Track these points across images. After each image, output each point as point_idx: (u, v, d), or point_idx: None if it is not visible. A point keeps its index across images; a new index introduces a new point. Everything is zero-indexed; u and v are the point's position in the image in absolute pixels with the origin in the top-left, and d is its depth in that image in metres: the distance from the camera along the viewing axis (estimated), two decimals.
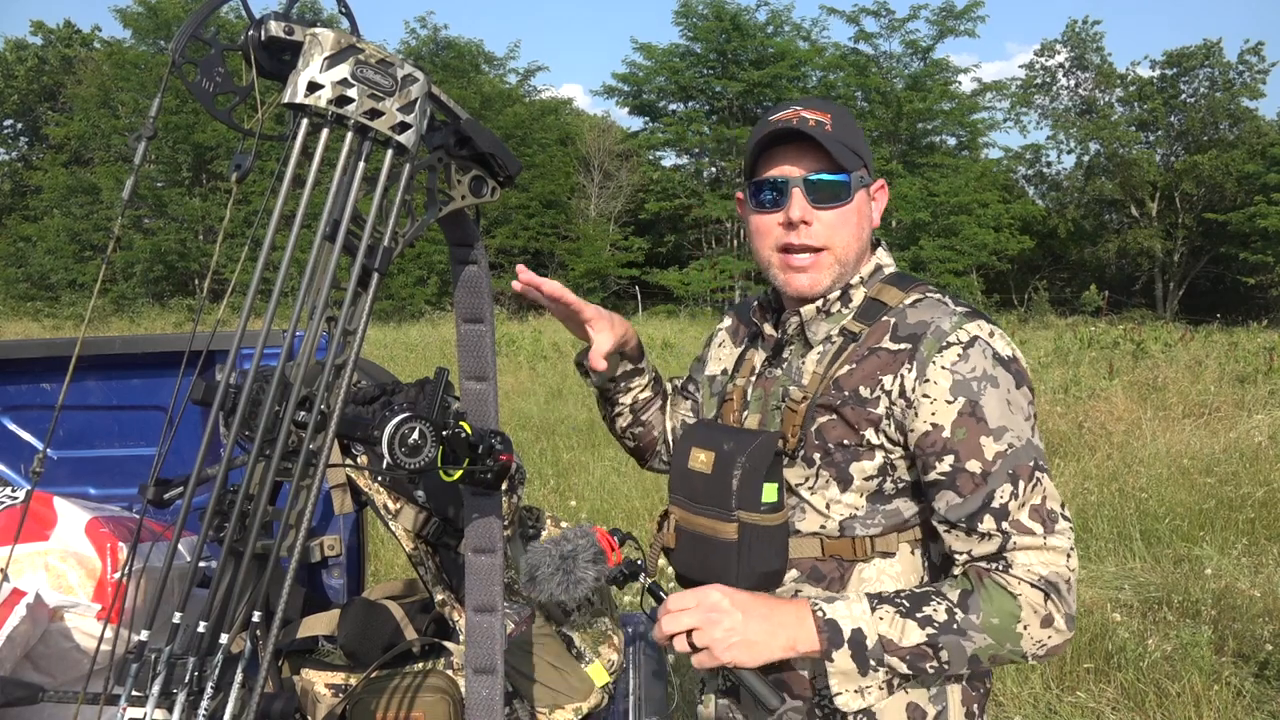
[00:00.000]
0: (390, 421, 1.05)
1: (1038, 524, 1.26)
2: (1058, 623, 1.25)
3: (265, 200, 0.98)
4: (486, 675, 1.35)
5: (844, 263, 1.39)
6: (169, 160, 29.31)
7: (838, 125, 1.35)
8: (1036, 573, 1.25)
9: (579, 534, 1.43)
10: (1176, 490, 6.14)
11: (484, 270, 1.27)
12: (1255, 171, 30.32)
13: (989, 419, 1.27)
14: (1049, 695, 3.65)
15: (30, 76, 35.69)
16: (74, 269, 28.54)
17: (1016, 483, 1.26)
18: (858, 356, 1.35)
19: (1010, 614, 1.24)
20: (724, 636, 1.24)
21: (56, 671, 1.94)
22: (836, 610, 1.26)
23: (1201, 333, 17.45)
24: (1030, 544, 1.26)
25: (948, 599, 1.25)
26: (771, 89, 32.25)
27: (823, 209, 1.36)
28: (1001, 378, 1.29)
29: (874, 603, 1.26)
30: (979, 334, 1.31)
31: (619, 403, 1.71)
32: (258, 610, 0.97)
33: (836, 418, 1.34)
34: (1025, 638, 1.24)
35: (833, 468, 1.35)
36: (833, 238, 1.37)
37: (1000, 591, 1.25)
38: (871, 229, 1.44)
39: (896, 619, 1.24)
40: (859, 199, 1.38)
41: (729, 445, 1.36)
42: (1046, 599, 1.24)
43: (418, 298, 27.47)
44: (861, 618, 1.25)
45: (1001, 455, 1.26)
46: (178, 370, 2.55)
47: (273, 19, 0.98)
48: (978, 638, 1.23)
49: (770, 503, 1.35)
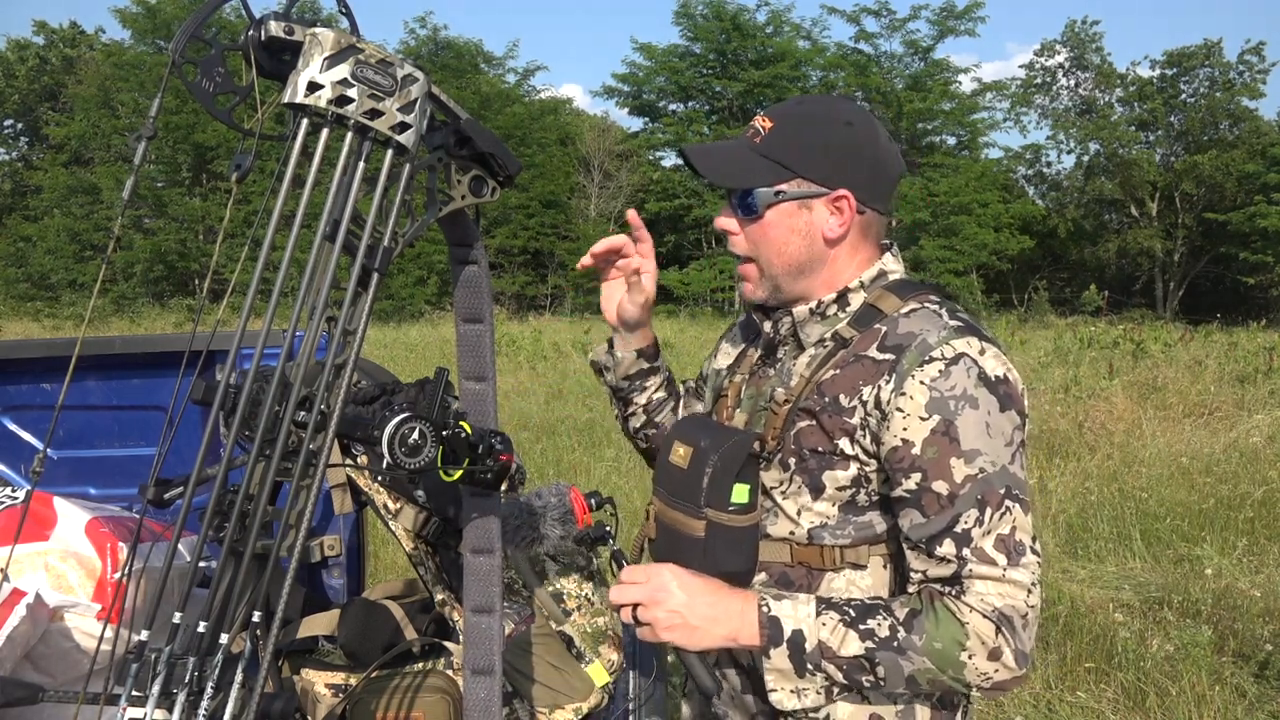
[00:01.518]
0: (390, 421, 1.05)
1: (1001, 554, 1.23)
2: (1005, 658, 1.21)
3: (265, 200, 0.98)
4: (484, 676, 1.34)
5: (772, 274, 1.38)
6: (169, 160, 29.30)
7: (775, 135, 1.35)
8: (990, 604, 1.22)
9: (554, 492, 1.44)
10: (1176, 490, 6.14)
11: (484, 270, 1.27)
12: (1255, 171, 30.29)
13: (962, 440, 1.24)
14: (1049, 695, 3.65)
15: (31, 76, 35.70)
16: (74, 269, 28.53)
17: (984, 509, 1.23)
18: (844, 362, 1.33)
19: (955, 641, 1.21)
20: (666, 617, 1.27)
21: (56, 671, 1.94)
22: (782, 609, 1.26)
23: (1201, 333, 17.44)
24: (988, 574, 1.23)
25: (894, 616, 1.23)
26: (772, 89, 32.25)
27: (745, 221, 1.38)
28: (983, 399, 1.25)
29: (821, 607, 1.25)
30: (967, 351, 1.27)
31: (634, 403, 1.70)
32: (258, 610, 0.97)
33: (814, 424, 1.32)
34: (969, 667, 1.21)
35: (805, 474, 1.33)
36: (754, 250, 1.38)
37: (949, 617, 1.22)
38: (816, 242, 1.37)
39: (839, 627, 1.23)
40: (782, 212, 1.35)
41: (705, 442, 1.35)
42: (998, 632, 1.21)
43: (418, 298, 27.47)
44: (805, 620, 1.24)
45: (971, 479, 1.23)
46: (178, 370, 2.55)
47: (273, 19, 0.98)
48: (917, 660, 1.22)
49: (739, 504, 1.33)
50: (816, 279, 1.39)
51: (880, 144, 1.37)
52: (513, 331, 18.01)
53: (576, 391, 10.70)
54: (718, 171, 1.37)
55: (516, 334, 17.17)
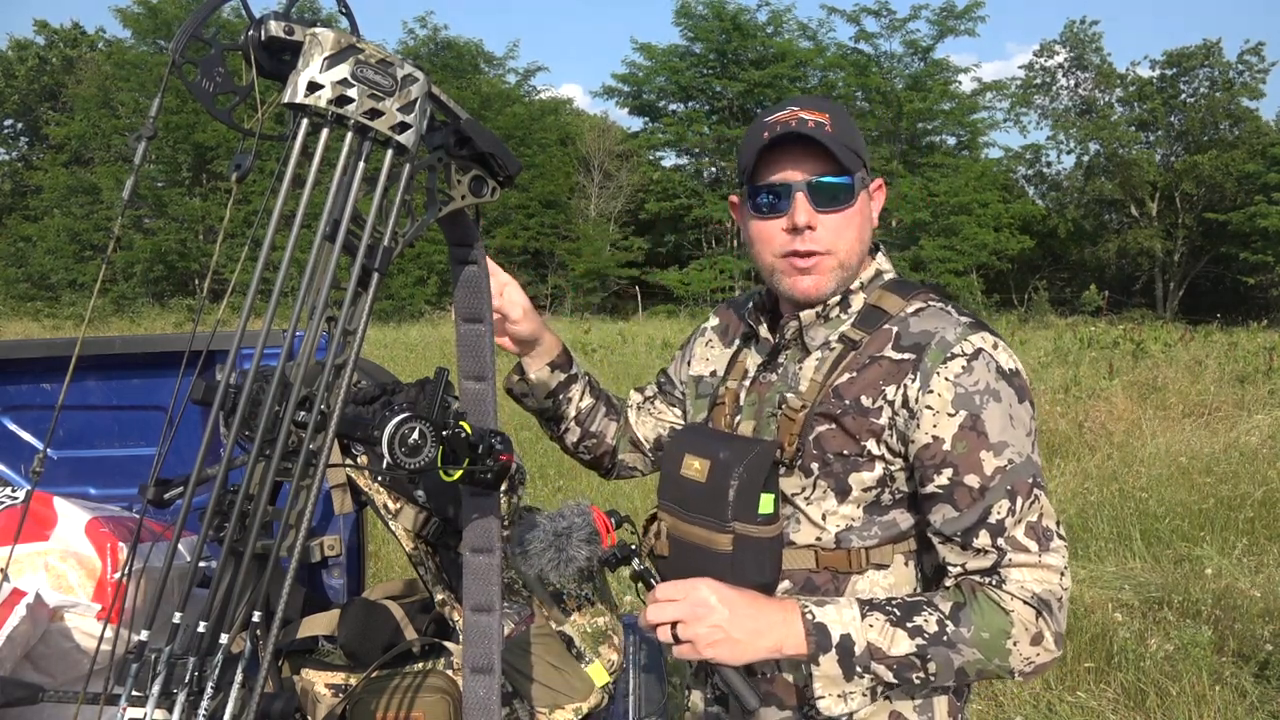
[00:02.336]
0: (390, 421, 1.05)
1: (1033, 541, 1.26)
2: (1047, 641, 1.24)
3: (265, 200, 0.98)
4: (484, 675, 1.34)
5: (847, 266, 1.37)
6: (169, 160, 29.29)
7: (837, 125, 1.32)
8: (1030, 590, 1.24)
9: (576, 512, 1.43)
10: (1176, 490, 6.14)
11: (484, 270, 1.27)
12: (1255, 171, 30.30)
13: (990, 433, 1.26)
14: (1049, 695, 3.65)
15: (31, 76, 35.69)
16: (74, 269, 28.52)
17: (1015, 499, 1.26)
18: (858, 365, 1.33)
19: (1001, 629, 1.23)
20: (708, 633, 1.23)
21: (56, 671, 1.94)
22: (827, 614, 1.24)
23: (1201, 333, 17.44)
24: (1025, 561, 1.25)
25: (939, 610, 1.24)
26: (772, 89, 32.25)
27: (826, 213, 1.33)
28: (1004, 392, 1.27)
29: (865, 609, 1.25)
30: (983, 346, 1.29)
31: (565, 418, 1.66)
32: (258, 610, 0.97)
33: (836, 427, 1.32)
34: (1014, 654, 1.24)
35: (831, 478, 1.33)
36: (836, 242, 1.34)
37: (993, 606, 1.24)
38: (872, 229, 1.42)
39: (887, 627, 1.23)
40: (861, 200, 1.36)
41: (725, 454, 1.33)
42: (1038, 616, 1.24)
43: (418, 298, 27.47)
44: (851, 623, 1.23)
45: (1001, 471, 1.26)
46: (178, 370, 2.55)
47: (273, 19, 0.98)
48: (966, 651, 1.23)
49: (766, 514, 1.32)
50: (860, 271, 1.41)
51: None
52: None
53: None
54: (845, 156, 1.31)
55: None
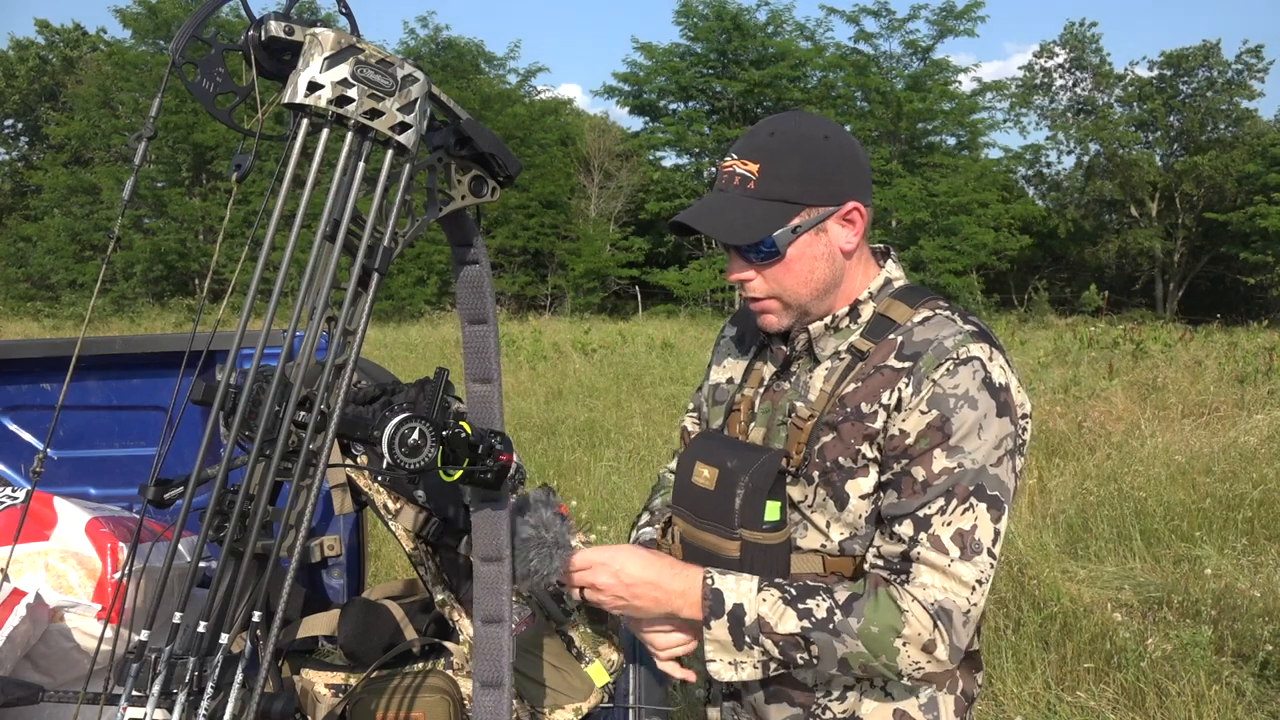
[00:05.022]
0: (390, 421, 1.05)
1: (956, 547, 1.26)
2: (939, 651, 1.25)
3: (265, 200, 0.98)
4: (493, 690, 1.35)
5: (799, 304, 1.38)
6: (169, 160, 29.31)
7: (766, 176, 1.32)
8: (933, 596, 1.25)
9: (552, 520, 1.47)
10: (1176, 490, 6.14)
11: (485, 270, 1.27)
12: (1255, 171, 30.29)
13: (952, 435, 1.27)
14: (1049, 695, 3.65)
15: (31, 76, 35.69)
16: (74, 269, 28.53)
17: (949, 500, 1.26)
18: (863, 375, 1.35)
19: (891, 628, 1.24)
20: (610, 601, 1.38)
21: (56, 671, 1.94)
22: (725, 583, 1.31)
23: (1201, 333, 17.44)
24: (935, 562, 1.26)
25: (833, 598, 1.27)
26: (772, 89, 32.26)
27: (760, 267, 1.36)
28: (983, 402, 1.28)
29: (762, 584, 1.30)
30: (979, 355, 1.30)
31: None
32: (258, 610, 0.97)
33: (835, 435, 1.34)
34: (902, 655, 1.25)
35: (829, 486, 1.35)
36: (777, 289, 1.37)
37: (889, 604, 1.25)
38: (837, 259, 1.38)
39: (779, 604, 1.27)
40: (802, 245, 1.34)
41: (732, 463, 1.36)
42: (935, 625, 1.25)
43: (418, 298, 27.46)
44: (747, 594, 1.29)
45: (948, 471, 1.26)
46: (178, 370, 2.55)
47: (273, 19, 0.98)
48: (850, 642, 1.25)
49: (772, 521, 1.35)
50: (839, 293, 1.41)
51: (855, 144, 1.39)
52: (513, 331, 18.01)
53: (576, 391, 10.70)
54: (728, 231, 1.32)
55: (516, 334, 17.17)
